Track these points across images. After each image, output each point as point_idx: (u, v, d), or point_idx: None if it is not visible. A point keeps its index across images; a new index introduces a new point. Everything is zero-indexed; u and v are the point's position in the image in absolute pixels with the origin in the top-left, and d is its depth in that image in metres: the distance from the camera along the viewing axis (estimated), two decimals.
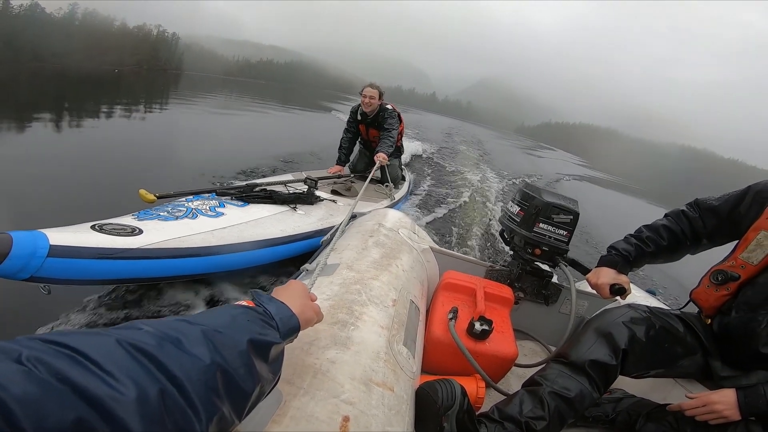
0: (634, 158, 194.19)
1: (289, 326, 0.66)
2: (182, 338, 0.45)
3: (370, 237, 1.49)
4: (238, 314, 0.58)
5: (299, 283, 0.81)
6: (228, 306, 0.62)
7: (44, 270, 1.47)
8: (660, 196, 23.43)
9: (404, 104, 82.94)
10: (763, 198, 1.17)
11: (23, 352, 0.32)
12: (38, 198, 3.32)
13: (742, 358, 1.15)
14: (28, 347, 0.33)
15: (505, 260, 1.83)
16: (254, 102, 19.54)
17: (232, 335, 0.52)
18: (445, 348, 1.30)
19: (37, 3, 54.35)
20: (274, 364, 0.60)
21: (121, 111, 9.67)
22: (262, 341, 0.56)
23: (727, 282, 1.17)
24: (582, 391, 1.08)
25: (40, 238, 1.49)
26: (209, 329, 0.49)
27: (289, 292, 0.74)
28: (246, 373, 0.51)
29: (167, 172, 4.79)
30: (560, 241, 1.59)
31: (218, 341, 0.48)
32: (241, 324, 0.56)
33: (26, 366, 0.31)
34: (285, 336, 0.64)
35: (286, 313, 0.66)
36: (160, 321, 0.48)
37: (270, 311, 0.64)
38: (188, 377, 0.41)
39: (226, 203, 2.36)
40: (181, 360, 0.42)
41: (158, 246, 1.78)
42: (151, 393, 0.36)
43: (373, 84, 3.89)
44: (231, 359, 0.48)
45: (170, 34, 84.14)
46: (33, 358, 0.32)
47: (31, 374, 0.31)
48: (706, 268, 1.26)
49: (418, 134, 15.03)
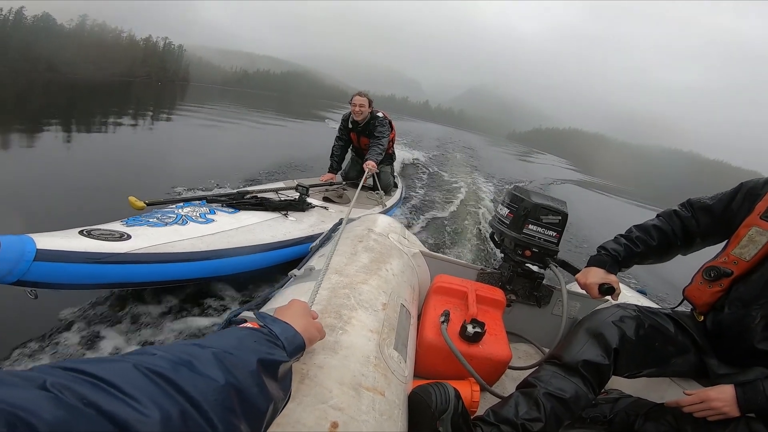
0: (623, 161, 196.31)
1: (295, 345, 0.66)
2: (194, 361, 0.45)
3: (359, 242, 1.46)
4: (245, 336, 0.59)
5: (300, 302, 0.81)
6: (234, 329, 0.63)
7: (31, 274, 1.46)
8: (651, 199, 23.63)
9: (398, 113, 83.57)
10: (754, 195, 1.17)
11: (48, 379, 0.32)
12: (27, 203, 3.29)
13: (737, 355, 1.14)
14: (51, 374, 0.33)
15: (496, 263, 1.81)
16: (251, 112, 19.68)
17: (242, 356, 0.52)
18: (437, 352, 1.27)
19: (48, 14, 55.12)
20: (284, 382, 0.60)
21: (123, 120, 9.80)
22: (270, 360, 0.57)
23: (720, 278, 1.16)
24: (577, 392, 1.06)
25: (27, 242, 1.48)
26: (220, 351, 0.50)
27: (292, 312, 0.75)
28: (259, 392, 0.51)
29: (158, 180, 4.74)
30: (550, 242, 1.58)
31: (229, 362, 0.49)
32: (249, 345, 0.57)
33: (52, 392, 0.31)
34: (291, 354, 0.65)
35: (290, 333, 0.67)
36: (171, 345, 0.49)
37: (275, 332, 0.64)
38: (205, 398, 0.41)
39: (217, 210, 2.33)
40: (196, 382, 0.42)
41: (146, 251, 1.77)
42: (173, 414, 0.37)
43: (361, 92, 3.88)
44: (243, 379, 0.49)
45: (176, 46, 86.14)
46: (58, 384, 0.32)
47: (59, 400, 0.31)
48: (697, 267, 1.25)
49: (410, 142, 15.08)
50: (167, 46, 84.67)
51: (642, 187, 43.55)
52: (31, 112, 9.55)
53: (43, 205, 3.34)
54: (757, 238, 1.10)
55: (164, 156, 6.48)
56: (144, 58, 73.96)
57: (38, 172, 4.35)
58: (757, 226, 1.11)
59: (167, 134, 9.16)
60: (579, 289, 1.49)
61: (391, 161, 4.48)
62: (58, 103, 12.82)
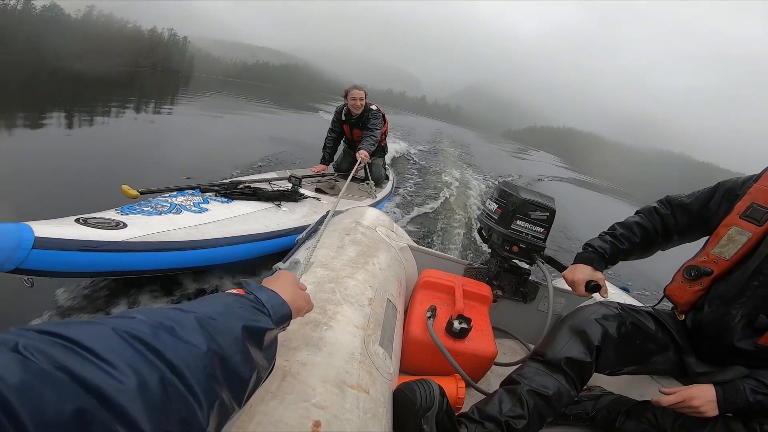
0: (615, 161, 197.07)
1: (281, 313, 0.64)
2: (176, 326, 0.43)
3: (346, 235, 1.42)
4: (230, 302, 0.56)
5: (289, 273, 0.78)
6: (219, 294, 0.60)
7: (29, 262, 1.43)
8: (642, 200, 23.80)
9: (395, 107, 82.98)
10: (733, 195, 1.17)
11: (20, 342, 0.30)
12: (20, 191, 3.23)
13: (717, 353, 1.13)
14: (24, 336, 0.31)
15: (484, 258, 1.80)
16: (250, 103, 19.50)
17: (226, 322, 0.50)
18: (423, 347, 1.25)
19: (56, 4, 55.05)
20: (269, 351, 0.59)
21: (124, 110, 9.67)
22: (255, 327, 0.55)
23: (700, 277, 1.16)
24: (560, 389, 1.06)
25: (26, 230, 1.44)
26: (203, 317, 0.48)
27: (280, 282, 0.72)
28: (242, 360, 0.49)
29: (152, 168, 4.68)
30: (537, 238, 1.57)
31: (213, 328, 0.47)
32: (234, 311, 0.54)
33: (23, 355, 0.30)
34: (278, 323, 0.62)
35: (277, 301, 0.64)
36: (153, 309, 0.46)
37: (261, 299, 0.62)
38: (186, 364, 0.40)
39: (210, 199, 2.30)
40: (178, 347, 0.41)
41: (142, 239, 1.75)
42: (151, 381, 0.35)
43: (357, 85, 3.87)
44: (226, 346, 0.47)
45: (181, 38, 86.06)
46: (31, 347, 0.30)
47: (28, 363, 0.29)
48: (679, 264, 1.25)
49: (404, 135, 14.95)
50: (172, 38, 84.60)
51: (631, 185, 43.80)
52: (34, 101, 9.39)
53: (33, 192, 3.28)
54: (737, 238, 1.09)
55: (159, 145, 6.37)
56: (150, 49, 74.09)
57: (31, 159, 4.27)
58: (736, 226, 1.10)
59: (163, 124, 9.02)
60: (563, 285, 1.48)
61: (383, 154, 4.48)
62: (63, 92, 12.63)
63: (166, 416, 0.35)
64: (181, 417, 0.37)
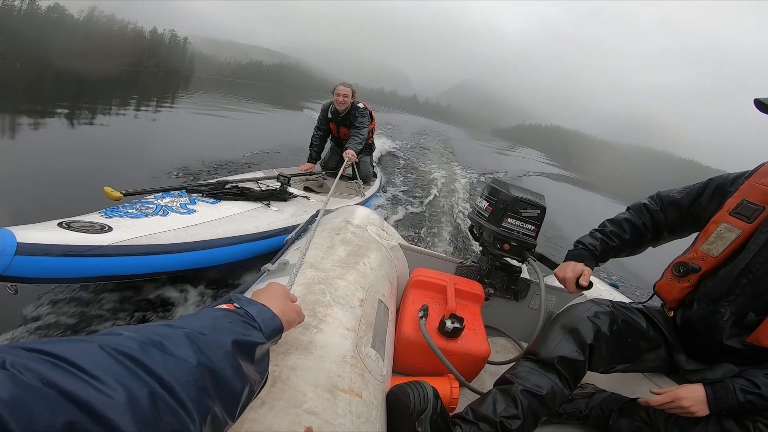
0: (599, 158, 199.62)
1: (272, 327, 0.63)
2: (166, 341, 0.43)
3: (336, 235, 1.39)
4: (220, 317, 0.56)
5: (279, 285, 0.77)
6: (208, 309, 0.60)
7: (12, 269, 1.37)
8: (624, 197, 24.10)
9: (386, 105, 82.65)
10: (723, 191, 1.16)
11: (7, 359, 0.31)
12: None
13: (707, 351, 1.13)
14: (10, 354, 0.32)
15: (475, 256, 1.79)
16: (243, 102, 19.36)
17: (216, 337, 0.50)
18: (416, 348, 1.23)
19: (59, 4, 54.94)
20: (260, 365, 0.58)
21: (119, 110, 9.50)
22: (246, 342, 0.54)
23: (689, 274, 1.15)
24: (553, 388, 1.04)
25: (7, 236, 1.39)
26: (192, 332, 0.47)
27: (270, 294, 0.72)
28: (234, 374, 0.49)
29: (136, 169, 4.51)
30: (528, 235, 1.56)
31: (202, 343, 0.47)
32: (224, 326, 0.54)
33: (11, 371, 0.29)
34: (269, 337, 0.62)
35: (267, 314, 0.64)
36: (141, 326, 0.46)
37: (251, 313, 0.62)
38: (176, 379, 0.40)
39: (197, 200, 2.24)
40: (167, 362, 0.41)
41: (129, 243, 1.69)
42: (140, 395, 0.35)
43: (345, 82, 3.82)
44: (217, 360, 0.47)
45: (182, 39, 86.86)
46: (18, 364, 0.30)
47: (18, 378, 0.29)
48: (668, 261, 1.24)
49: (392, 133, 14.88)
50: (173, 39, 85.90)
51: (615, 183, 44.41)
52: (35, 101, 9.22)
53: (13, 195, 3.15)
54: (726, 235, 1.09)
55: (145, 145, 6.22)
56: (152, 50, 74.83)
57: (15, 160, 4.14)
58: (726, 223, 1.10)
59: (152, 124, 8.86)
60: (554, 282, 1.47)
61: (370, 151, 4.45)
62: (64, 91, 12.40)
63: (157, 430, 0.35)
64: (173, 431, 0.37)
